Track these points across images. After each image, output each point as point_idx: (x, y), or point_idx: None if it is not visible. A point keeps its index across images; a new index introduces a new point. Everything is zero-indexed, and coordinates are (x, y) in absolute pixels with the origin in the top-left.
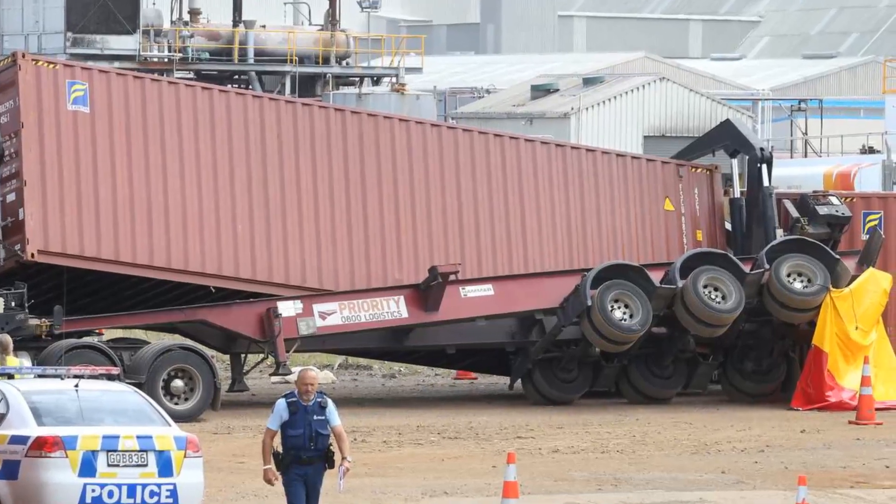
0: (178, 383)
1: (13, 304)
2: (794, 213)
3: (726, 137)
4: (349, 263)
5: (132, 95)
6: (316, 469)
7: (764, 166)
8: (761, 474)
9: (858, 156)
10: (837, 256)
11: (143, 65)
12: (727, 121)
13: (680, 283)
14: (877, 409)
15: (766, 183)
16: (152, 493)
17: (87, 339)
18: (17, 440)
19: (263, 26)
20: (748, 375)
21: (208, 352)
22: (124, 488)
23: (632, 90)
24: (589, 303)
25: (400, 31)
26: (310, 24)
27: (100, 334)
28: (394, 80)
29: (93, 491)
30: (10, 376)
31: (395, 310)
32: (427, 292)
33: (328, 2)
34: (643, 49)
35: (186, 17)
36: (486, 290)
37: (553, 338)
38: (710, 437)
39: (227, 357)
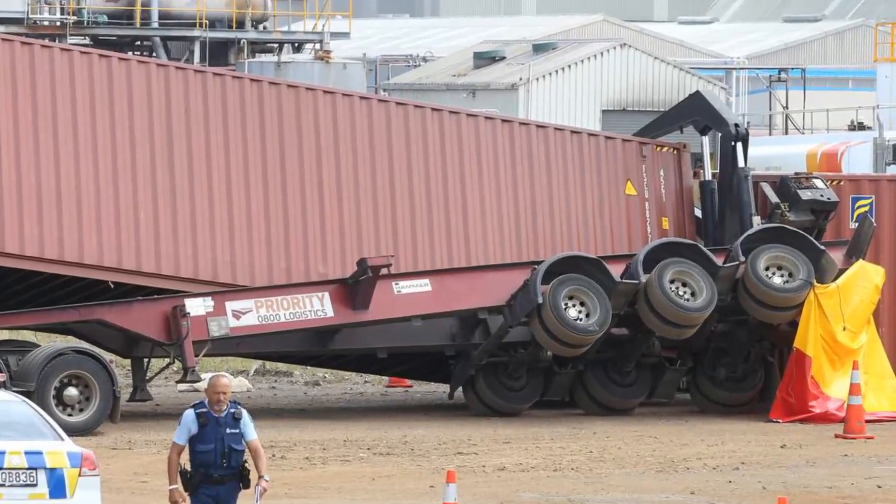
0: (71, 392)
1: None
2: (774, 198)
3: (696, 112)
4: (267, 256)
5: (19, 64)
6: (228, 489)
7: (739, 145)
8: (736, 495)
9: (846, 133)
10: (822, 247)
11: (32, 29)
12: (697, 93)
13: (643, 278)
14: (867, 422)
15: (741, 164)
16: None
17: None
18: None
19: None
20: (721, 383)
21: (106, 356)
22: None
23: (588, 58)
24: (539, 300)
25: None
26: None
27: None
28: (317, 46)
29: None
30: None
31: (318, 308)
32: (355, 288)
33: None
34: (601, 11)
35: None
36: (422, 285)
37: (499, 340)
38: (678, 453)
39: (127, 362)
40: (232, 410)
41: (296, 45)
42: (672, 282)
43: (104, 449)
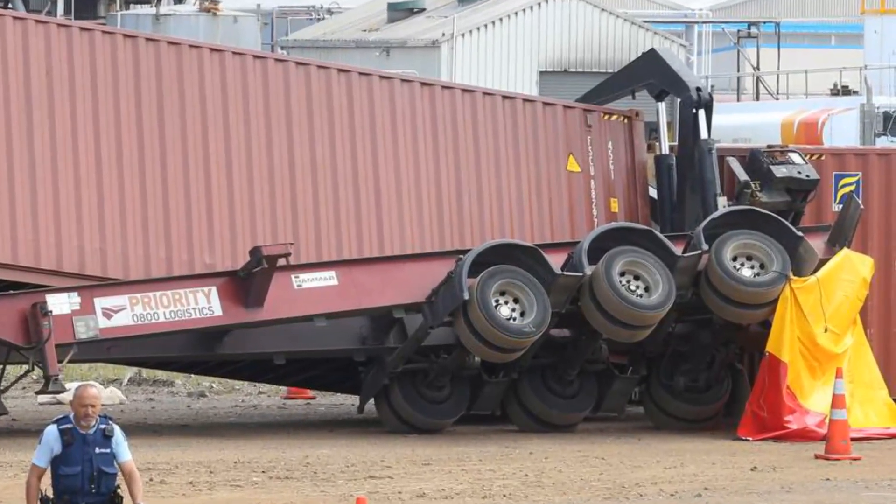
0: None
1: None
2: (742, 175)
3: (650, 74)
4: (143, 244)
5: None
6: None
7: (701, 112)
8: None
9: (828, 98)
10: (800, 234)
11: None
12: (652, 51)
13: (588, 270)
14: (853, 440)
15: (703, 135)
16: None
17: None
18: None
19: None
20: (680, 394)
21: None
22: None
23: (523, 10)
24: (465, 296)
25: None
26: None
27: None
28: None
29: None
30: None
31: (204, 305)
32: (248, 282)
33: None
34: None
35: None
36: (327, 278)
37: (417, 343)
38: (630, 477)
39: None
40: (102, 426)
41: None
42: (622, 274)
43: None
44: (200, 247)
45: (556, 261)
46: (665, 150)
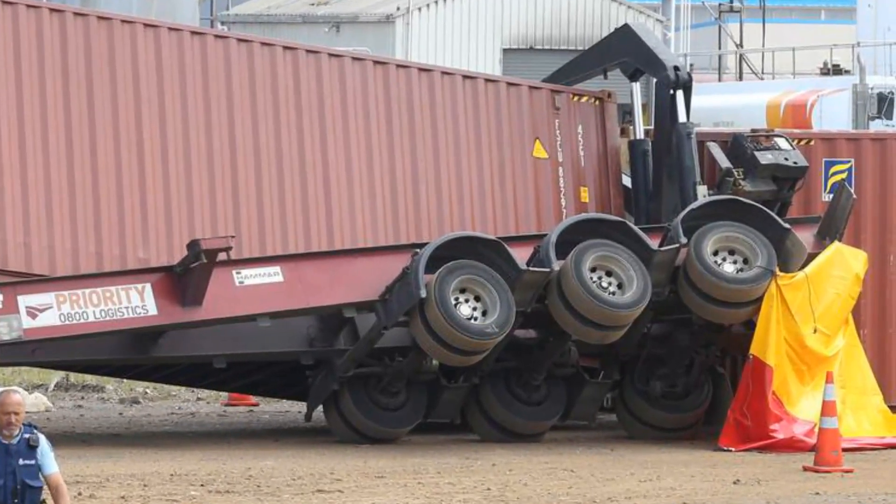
0: None
1: None
2: (724, 162)
3: (624, 52)
4: (71, 237)
5: None
6: None
7: (679, 94)
8: None
9: (818, 78)
10: (787, 226)
11: None
12: (626, 27)
13: (556, 265)
14: (844, 450)
15: (682, 118)
16: None
17: None
18: None
19: None
20: (656, 401)
21: None
22: None
23: None
24: (422, 294)
25: None
26: None
27: None
28: None
29: None
30: None
31: (138, 304)
32: (185, 279)
33: None
34: None
35: None
36: (271, 275)
37: (370, 345)
38: (601, 491)
39: None
40: (26, 436)
41: None
42: (593, 270)
43: None
44: (133, 240)
45: (521, 255)
46: (640, 135)
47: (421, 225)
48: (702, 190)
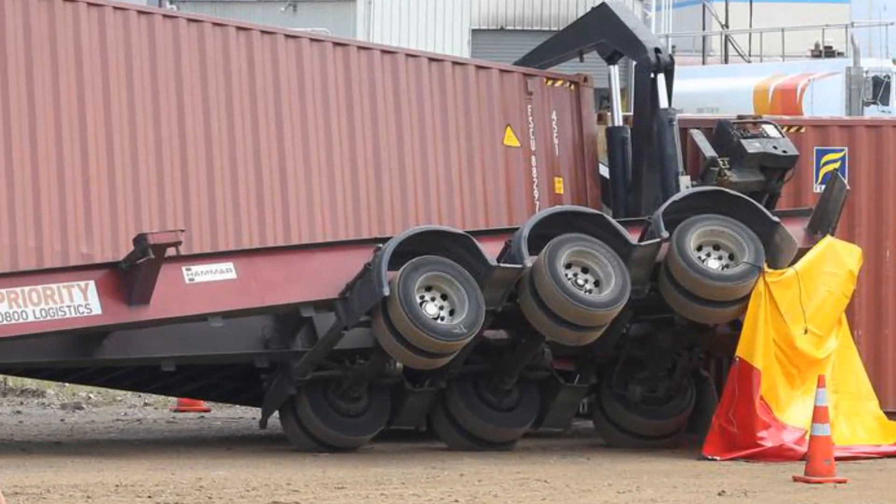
0: None
1: None
2: (709, 150)
3: (601, 33)
4: (9, 232)
5: None
6: None
7: (660, 77)
8: None
9: (809, 61)
10: (776, 219)
11: None
12: (603, 6)
13: (528, 261)
14: (837, 459)
15: (663, 104)
16: None
17: None
18: None
19: None
20: (636, 406)
21: None
22: None
23: None
24: (386, 292)
25: None
26: None
27: None
28: None
29: None
30: None
31: (81, 303)
32: (131, 276)
33: None
34: None
35: None
36: (224, 271)
37: (329, 347)
38: (577, 503)
39: None
40: None
41: None
42: (568, 266)
43: None
44: (76, 234)
45: (491, 251)
46: (618, 122)
47: (384, 218)
48: (684, 180)
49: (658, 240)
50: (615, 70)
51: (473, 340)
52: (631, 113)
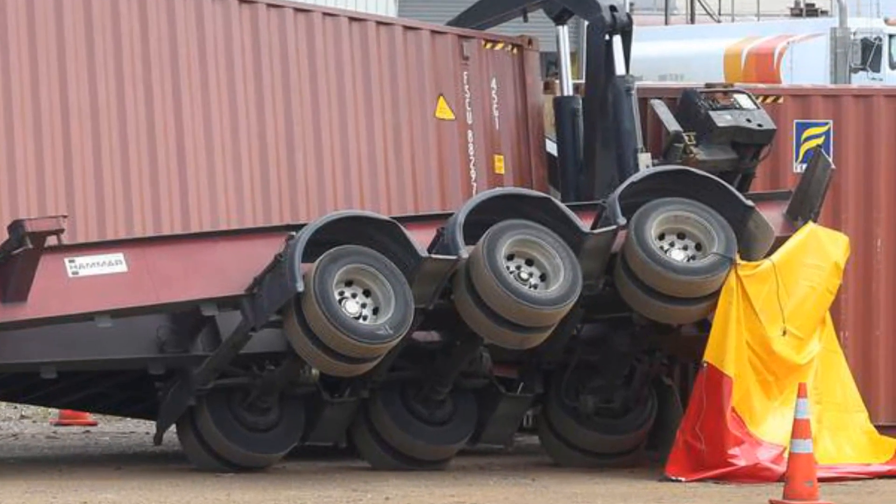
0: None
1: None
2: (673, 124)
3: None
4: None
5: None
6: None
7: (616, 40)
8: None
9: (788, 21)
10: (750, 203)
11: None
12: None
13: (464, 252)
14: (821, 480)
15: (620, 70)
16: None
17: None
18: None
19: None
20: (588, 419)
21: None
22: None
23: None
24: (299, 287)
25: None
26: None
27: None
28: None
29: None
30: None
31: None
32: (6, 269)
33: None
34: None
35: None
36: (113, 263)
37: (235, 350)
38: None
39: None
40: None
41: None
42: (510, 258)
43: None
44: None
45: (421, 240)
46: (568, 91)
47: (297, 202)
48: (644, 159)
49: (614, 227)
50: (564, 31)
51: (401, 343)
52: (582, 81)
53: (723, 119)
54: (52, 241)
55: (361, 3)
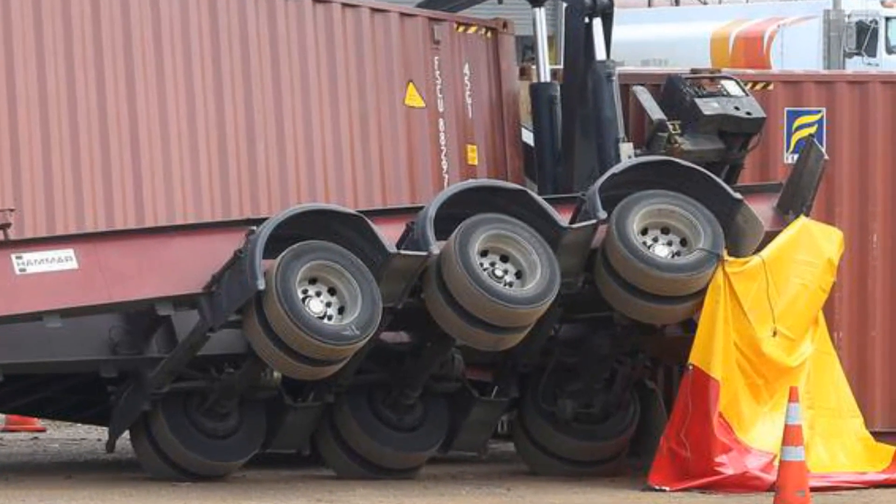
0: None
1: None
2: (657, 112)
3: None
4: None
5: None
6: None
7: (597, 23)
8: None
9: (778, 3)
10: (738, 196)
11: None
12: None
13: (435, 248)
14: (813, 490)
15: (600, 55)
16: None
17: None
18: None
19: None
20: (567, 425)
21: None
22: None
23: None
24: (261, 285)
25: None
26: None
27: None
28: None
29: None
30: None
31: None
32: None
33: None
34: None
35: None
36: (63, 260)
37: (192, 352)
38: None
39: None
40: None
41: None
42: (484, 254)
43: None
44: None
45: (389, 235)
46: (545, 77)
47: (258, 195)
48: (626, 149)
49: (594, 221)
50: (541, 13)
51: (368, 344)
52: (560, 66)
53: (709, 107)
54: None
55: None
